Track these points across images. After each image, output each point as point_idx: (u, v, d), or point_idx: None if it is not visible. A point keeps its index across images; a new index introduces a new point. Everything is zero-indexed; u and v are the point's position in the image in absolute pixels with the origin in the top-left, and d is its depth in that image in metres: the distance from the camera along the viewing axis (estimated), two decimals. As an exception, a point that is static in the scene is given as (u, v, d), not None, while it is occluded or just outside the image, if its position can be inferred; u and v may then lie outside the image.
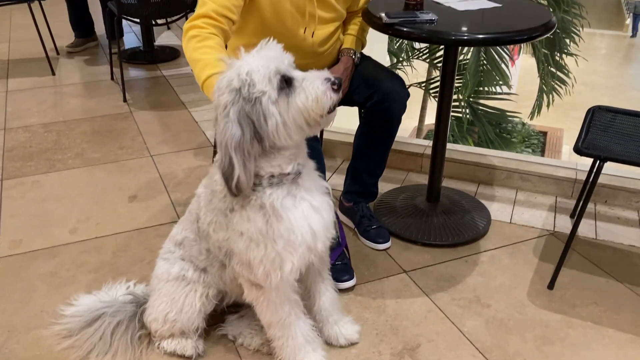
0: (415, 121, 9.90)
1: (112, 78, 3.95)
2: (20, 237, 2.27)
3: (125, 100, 3.58)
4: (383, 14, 1.91)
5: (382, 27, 1.92)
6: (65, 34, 4.82)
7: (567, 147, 12.34)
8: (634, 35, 17.32)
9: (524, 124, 11.14)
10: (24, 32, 4.95)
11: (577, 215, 1.94)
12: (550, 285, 2.03)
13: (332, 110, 1.34)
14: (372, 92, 2.02)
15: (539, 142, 12.03)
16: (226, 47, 1.78)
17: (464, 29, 1.89)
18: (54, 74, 4.03)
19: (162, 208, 2.46)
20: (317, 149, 1.82)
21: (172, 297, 1.66)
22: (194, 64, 1.62)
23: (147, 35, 4.41)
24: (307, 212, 1.43)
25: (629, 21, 17.29)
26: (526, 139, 11.72)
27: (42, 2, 4.12)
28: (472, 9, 2.05)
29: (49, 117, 3.35)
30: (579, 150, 1.85)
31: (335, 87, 1.32)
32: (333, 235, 1.53)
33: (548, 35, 1.93)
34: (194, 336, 1.72)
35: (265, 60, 1.30)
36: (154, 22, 4.21)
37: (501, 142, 7.47)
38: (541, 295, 1.99)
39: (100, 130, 3.20)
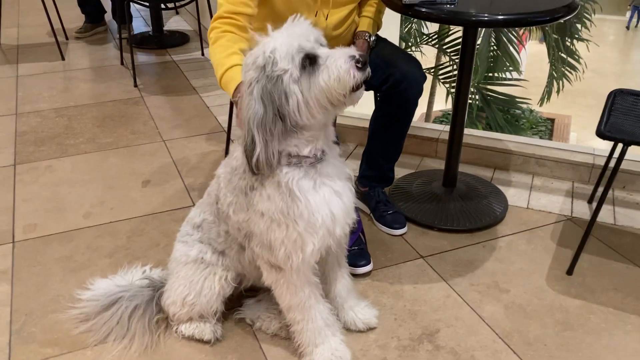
0: (423, 108, 9.84)
1: (122, 63, 3.93)
2: (34, 221, 2.26)
3: (135, 85, 3.55)
4: (402, -5, 1.87)
5: (401, 9, 1.89)
6: (74, 19, 4.79)
7: (575, 134, 12.26)
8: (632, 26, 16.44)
9: (531, 111, 11.06)
10: (33, 17, 4.92)
11: (598, 200, 1.91)
12: (570, 271, 2.00)
13: (356, 88, 1.31)
14: (388, 75, 1.98)
15: (546, 129, 11.95)
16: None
17: (484, 10, 1.85)
18: (63, 59, 4.00)
19: (175, 193, 2.45)
20: None
21: (191, 280, 1.65)
22: (214, 66, 1.69)
23: (157, 19, 4.38)
24: (329, 196, 1.41)
25: (628, 14, 16.25)
26: (534, 126, 11.64)
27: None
28: (492, -10, 2.01)
29: (59, 102, 3.33)
30: (602, 133, 1.82)
31: (359, 65, 1.28)
32: (353, 221, 1.51)
33: (571, 16, 1.89)
34: (213, 320, 1.71)
35: (290, 37, 1.28)
36: (163, 6, 4.16)
37: (510, 128, 7.42)
38: (560, 280, 1.97)
39: (111, 115, 3.18)
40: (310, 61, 1.28)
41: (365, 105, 2.16)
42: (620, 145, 1.83)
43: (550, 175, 2.59)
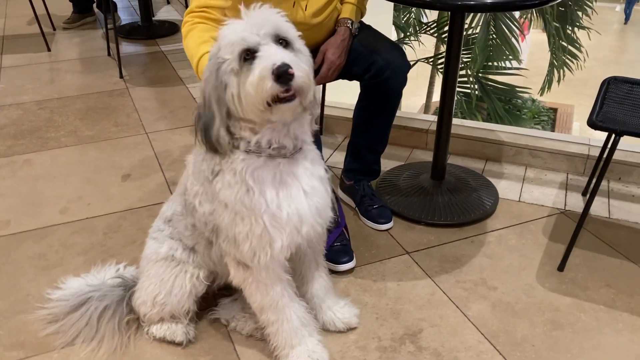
0: (423, 98, 9.74)
1: (109, 54, 3.85)
2: (9, 217, 2.19)
3: (121, 76, 3.47)
4: (384, -21, 1.79)
5: (382, -7, 1.80)
6: (62, 9, 4.70)
7: (578, 123, 12.13)
8: (626, 22, 15.30)
9: (533, 101, 10.94)
10: (20, 8, 4.82)
11: (589, 193, 1.83)
12: (561, 267, 1.93)
13: (279, 100, 1.19)
14: (370, 64, 1.90)
15: (549, 118, 11.82)
16: None
17: (471, -6, 1.76)
18: (49, 50, 3.92)
19: (156, 187, 2.37)
20: None
21: (161, 279, 1.59)
22: (189, 59, 1.64)
23: (145, 9, 4.29)
24: (295, 194, 1.33)
25: (618, 8, 14.98)
26: (536, 116, 11.52)
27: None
28: (479, -27, 1.91)
29: (43, 94, 3.26)
30: (593, 123, 1.74)
31: (274, 76, 1.14)
32: (323, 223, 1.43)
33: (562, 0, 1.80)
34: (185, 320, 1.64)
35: (240, 27, 1.20)
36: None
37: (511, 118, 7.31)
38: (551, 277, 1.89)
39: (95, 107, 3.10)
40: (251, 56, 1.19)
41: (354, 95, 2.08)
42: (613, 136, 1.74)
43: (544, 166, 2.50)
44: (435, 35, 7.07)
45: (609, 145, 1.76)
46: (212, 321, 1.71)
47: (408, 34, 7.07)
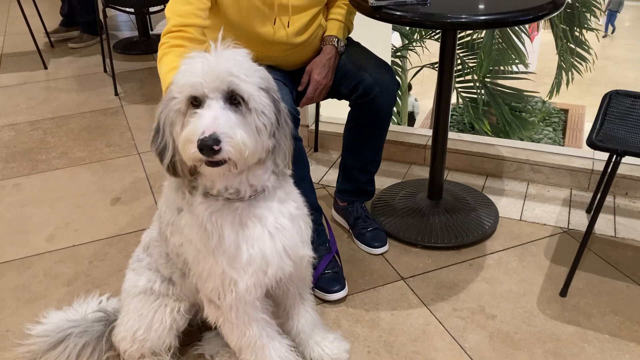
0: (430, 103, 9.65)
1: (105, 70, 3.80)
2: (-6, 246, 2.14)
3: (116, 93, 3.42)
4: (370, -4, 1.71)
5: (369, 11, 1.72)
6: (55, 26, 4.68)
7: (589, 124, 11.94)
8: (605, 35, 14.53)
9: (544, 102, 10.79)
10: (19, 26, 4.81)
11: (593, 211, 1.73)
12: (563, 292, 1.83)
13: (206, 163, 1.10)
14: (357, 83, 1.82)
15: (560, 120, 11.66)
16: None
17: (462, 10, 1.68)
18: (46, 67, 3.89)
19: (145, 211, 2.31)
20: (297, 148, 1.63)
21: (140, 313, 1.52)
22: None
23: (142, 24, 4.25)
24: (258, 235, 1.26)
25: (602, 20, 13.75)
26: (546, 118, 11.36)
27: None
28: (471, -13, 1.83)
29: (37, 114, 3.21)
30: (593, 143, 1.65)
31: (200, 147, 1.06)
32: (294, 264, 1.34)
33: (557, 13, 1.72)
34: (167, 357, 1.57)
35: (198, 69, 1.11)
36: (147, 10, 4.03)
37: (519, 122, 7.19)
38: (553, 303, 1.80)
39: (88, 126, 3.05)
40: (197, 103, 1.12)
41: (347, 112, 2.01)
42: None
43: (546, 182, 2.41)
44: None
45: (610, 166, 1.66)
46: (196, 357, 1.64)
47: (412, 39, 6.98)
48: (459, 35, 6.56)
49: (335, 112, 2.74)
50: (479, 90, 6.65)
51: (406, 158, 2.61)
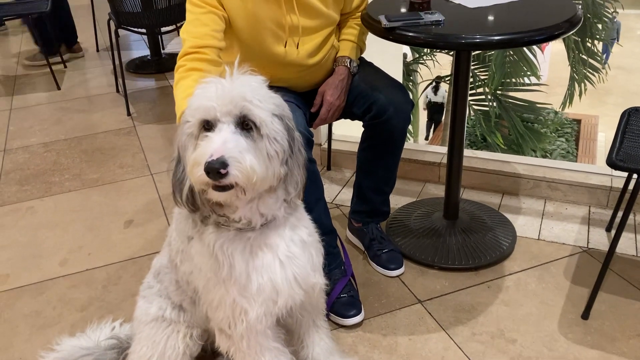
0: (442, 116, 9.62)
1: (117, 90, 3.82)
2: (7, 271, 2.14)
3: (129, 114, 3.44)
4: (382, 17, 1.70)
5: (382, 32, 1.71)
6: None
7: (603, 134, 11.85)
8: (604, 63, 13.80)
9: (556, 113, 10.71)
10: (34, 47, 4.87)
11: (616, 228, 1.69)
12: (585, 315, 1.79)
13: (213, 187, 1.08)
14: (371, 104, 1.81)
15: (572, 130, 11.56)
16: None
17: (476, 30, 1.66)
18: (59, 88, 3.92)
19: (158, 233, 2.30)
20: (312, 171, 1.61)
21: (153, 340, 1.50)
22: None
23: (154, 44, 4.27)
24: (269, 264, 1.24)
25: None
26: (559, 128, 11.27)
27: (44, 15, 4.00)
28: (484, 6, 1.82)
29: (50, 135, 3.23)
30: (613, 163, 1.61)
31: (206, 169, 1.04)
32: (305, 293, 1.32)
33: (573, 32, 1.69)
34: (181, 384, 1.55)
35: (212, 93, 1.10)
36: (158, 31, 4.05)
37: (532, 134, 7.14)
38: (575, 326, 1.76)
39: (101, 147, 3.06)
40: (210, 127, 1.11)
41: (360, 130, 1.99)
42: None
43: (564, 199, 2.37)
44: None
45: (631, 187, 1.63)
46: (211, 384, 1.62)
47: (423, 53, 6.98)
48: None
49: (348, 130, 2.72)
50: (491, 103, 6.62)
51: (420, 176, 2.58)
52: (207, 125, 1.10)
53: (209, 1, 1.61)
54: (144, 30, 4.03)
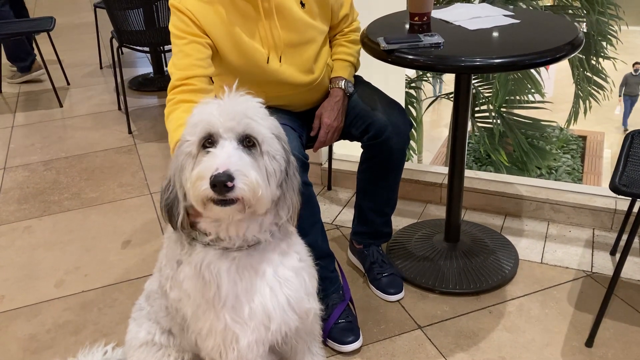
0: (446, 131, 9.60)
1: (119, 108, 3.82)
2: (3, 292, 2.11)
3: (130, 131, 3.43)
4: (381, 39, 1.68)
5: (381, 54, 1.69)
6: (77, 64, 4.75)
7: (609, 151, 11.79)
8: (626, 130, 12.17)
9: (561, 129, 10.67)
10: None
11: (621, 253, 1.65)
12: (589, 342, 1.75)
13: (215, 202, 1.07)
14: (368, 125, 1.79)
15: (578, 147, 11.51)
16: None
17: (476, 52, 1.64)
18: (61, 105, 3.92)
19: (154, 254, 2.27)
20: (307, 194, 1.59)
21: None
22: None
23: (157, 61, 4.28)
24: (258, 288, 1.22)
25: (617, 110, 12.47)
26: (565, 145, 11.22)
27: (50, 33, 4.02)
28: (485, 27, 1.80)
29: (51, 153, 3.22)
30: (616, 188, 1.58)
31: (213, 182, 1.03)
32: (299, 318, 1.29)
33: (575, 54, 1.67)
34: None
35: (212, 109, 1.10)
36: (161, 49, 4.06)
37: (536, 152, 7.09)
38: (578, 354, 1.71)
39: (101, 166, 3.05)
40: (210, 144, 1.10)
41: (360, 149, 1.96)
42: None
43: (568, 222, 2.33)
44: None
45: (636, 209, 1.59)
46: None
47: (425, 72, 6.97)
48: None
49: (349, 149, 2.70)
50: (495, 120, 6.59)
51: (422, 197, 2.55)
52: (208, 143, 1.10)
53: (190, 31, 1.60)
54: (146, 49, 4.05)
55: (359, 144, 1.94)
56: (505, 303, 1.94)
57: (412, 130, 4.52)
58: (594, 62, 6.87)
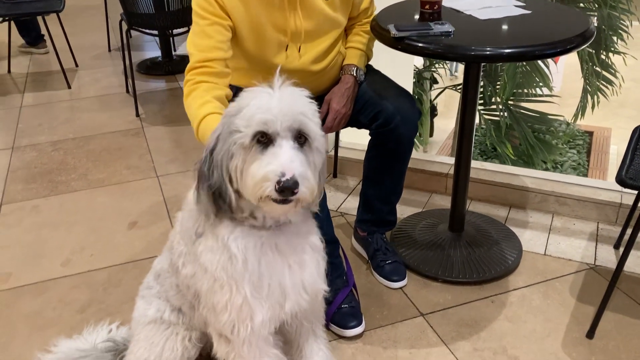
0: (452, 123, 9.57)
1: (127, 91, 3.83)
2: (10, 270, 2.13)
3: (137, 114, 3.44)
4: (392, 27, 1.68)
5: (391, 42, 1.69)
6: (86, 46, 4.76)
7: (615, 147, 11.74)
8: None
9: (568, 124, 10.62)
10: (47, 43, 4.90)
11: (625, 246, 1.66)
12: (590, 334, 1.76)
13: (274, 200, 1.10)
14: (377, 112, 1.79)
15: (584, 142, 11.46)
16: None
17: (486, 42, 1.64)
18: (69, 87, 3.93)
19: (160, 236, 2.29)
20: None
21: (151, 342, 1.49)
22: (190, 121, 1.55)
23: (165, 45, 4.28)
24: (279, 268, 1.24)
25: None
26: (571, 140, 11.18)
27: (59, 14, 4.02)
28: (495, 17, 1.79)
29: (58, 134, 3.24)
30: (622, 181, 1.58)
31: (277, 186, 1.07)
32: (310, 298, 1.31)
33: (585, 46, 1.66)
34: (177, 386, 1.53)
35: (268, 104, 1.11)
36: (170, 32, 4.05)
37: (542, 146, 7.08)
38: (579, 345, 1.73)
39: (108, 147, 3.06)
40: (264, 140, 1.11)
41: (367, 138, 1.97)
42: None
43: (572, 215, 2.34)
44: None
45: (641, 205, 1.60)
46: (209, 391, 1.60)
47: (434, 61, 6.94)
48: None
49: (355, 138, 2.70)
50: (502, 113, 6.57)
51: (427, 186, 2.56)
52: (262, 138, 1.11)
53: (214, 12, 1.60)
54: (155, 32, 4.04)
55: (366, 132, 1.94)
56: (507, 293, 1.95)
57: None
58: (603, 57, 6.83)
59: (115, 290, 2.01)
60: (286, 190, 1.06)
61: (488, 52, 1.59)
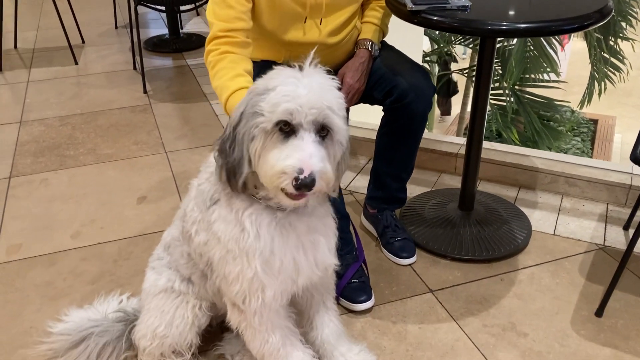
0: (457, 108, 9.54)
1: (134, 67, 3.82)
2: (20, 241, 2.14)
3: (145, 91, 3.43)
4: (408, 0, 1.67)
5: (406, 15, 1.68)
6: (93, 23, 4.73)
7: (620, 135, 11.71)
8: None
9: (573, 112, 10.58)
10: (52, 20, 4.86)
11: (636, 227, 1.66)
12: (599, 312, 1.76)
13: (287, 194, 1.11)
14: (392, 88, 1.78)
15: (589, 130, 11.43)
16: None
17: (503, 17, 1.63)
18: (76, 63, 3.92)
19: (170, 211, 2.30)
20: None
21: (162, 310, 1.51)
22: (217, 91, 1.54)
23: (172, 22, 4.25)
24: (292, 245, 1.24)
25: None
26: (575, 128, 11.15)
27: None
28: (513, -7, 1.78)
29: (66, 109, 3.23)
30: (637, 159, 1.58)
31: (294, 182, 1.07)
32: (322, 274, 1.33)
33: (603, 22, 1.65)
34: (188, 355, 1.55)
35: (296, 92, 1.09)
36: (177, 9, 4.03)
37: (548, 132, 7.05)
38: (588, 323, 1.73)
39: (116, 123, 3.06)
40: (288, 130, 1.11)
41: (379, 114, 1.96)
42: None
43: (582, 196, 2.33)
44: (471, 46, 6.89)
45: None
46: (217, 357, 1.62)
47: (441, 44, 6.90)
48: (479, 49, 6.44)
49: (364, 116, 2.69)
50: (508, 98, 6.54)
51: (437, 166, 2.56)
52: (285, 127, 1.10)
53: None
54: (163, 8, 4.02)
55: (376, 111, 1.93)
56: (516, 272, 1.95)
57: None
58: (612, 43, 6.78)
59: (125, 263, 2.02)
60: (303, 187, 1.06)
61: (504, 27, 1.58)
